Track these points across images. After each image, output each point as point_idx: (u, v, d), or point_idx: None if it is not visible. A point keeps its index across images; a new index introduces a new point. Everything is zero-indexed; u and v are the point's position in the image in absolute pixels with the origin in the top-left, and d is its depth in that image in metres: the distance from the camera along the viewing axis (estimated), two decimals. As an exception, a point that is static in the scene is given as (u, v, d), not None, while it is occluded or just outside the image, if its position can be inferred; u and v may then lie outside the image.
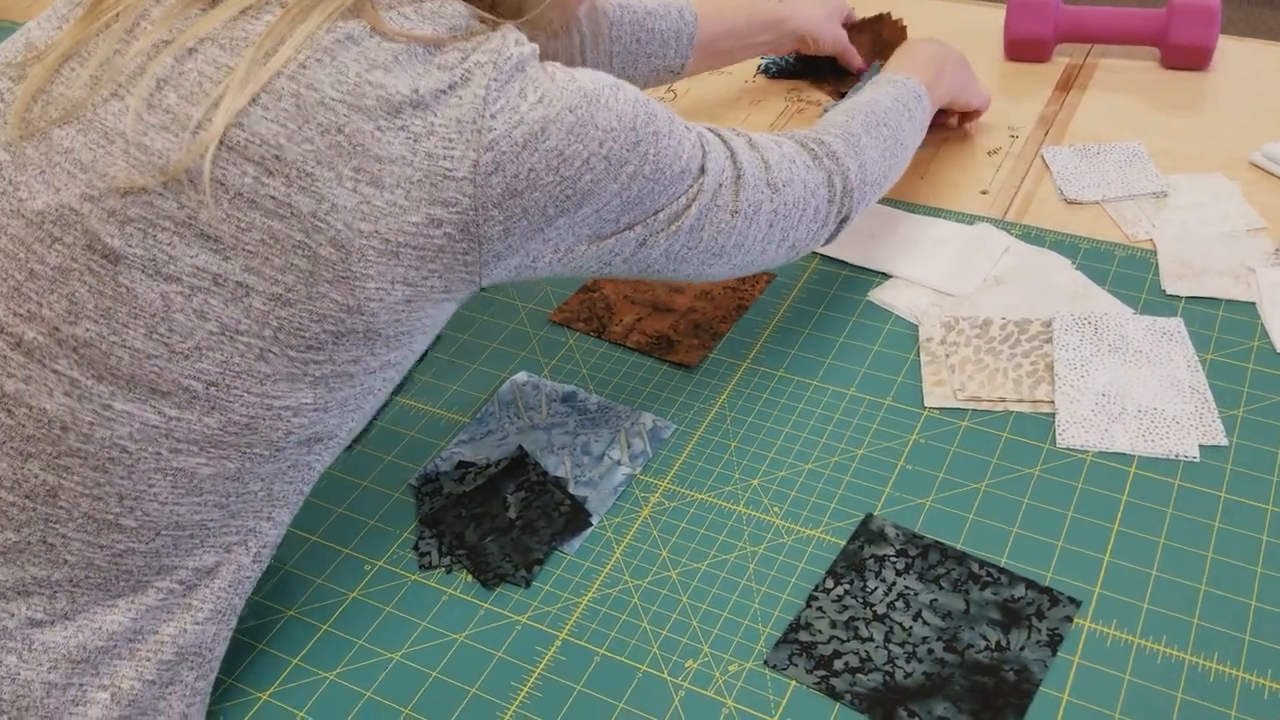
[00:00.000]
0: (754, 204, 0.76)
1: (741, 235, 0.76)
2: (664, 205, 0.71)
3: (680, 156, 0.70)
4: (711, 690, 0.68)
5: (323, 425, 0.66)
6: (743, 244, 0.77)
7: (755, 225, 0.77)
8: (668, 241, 0.72)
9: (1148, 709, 0.66)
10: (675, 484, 0.81)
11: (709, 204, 0.73)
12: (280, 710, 0.69)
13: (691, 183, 0.72)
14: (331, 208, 0.59)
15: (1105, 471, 0.79)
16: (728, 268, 0.78)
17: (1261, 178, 1.06)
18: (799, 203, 0.80)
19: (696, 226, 0.73)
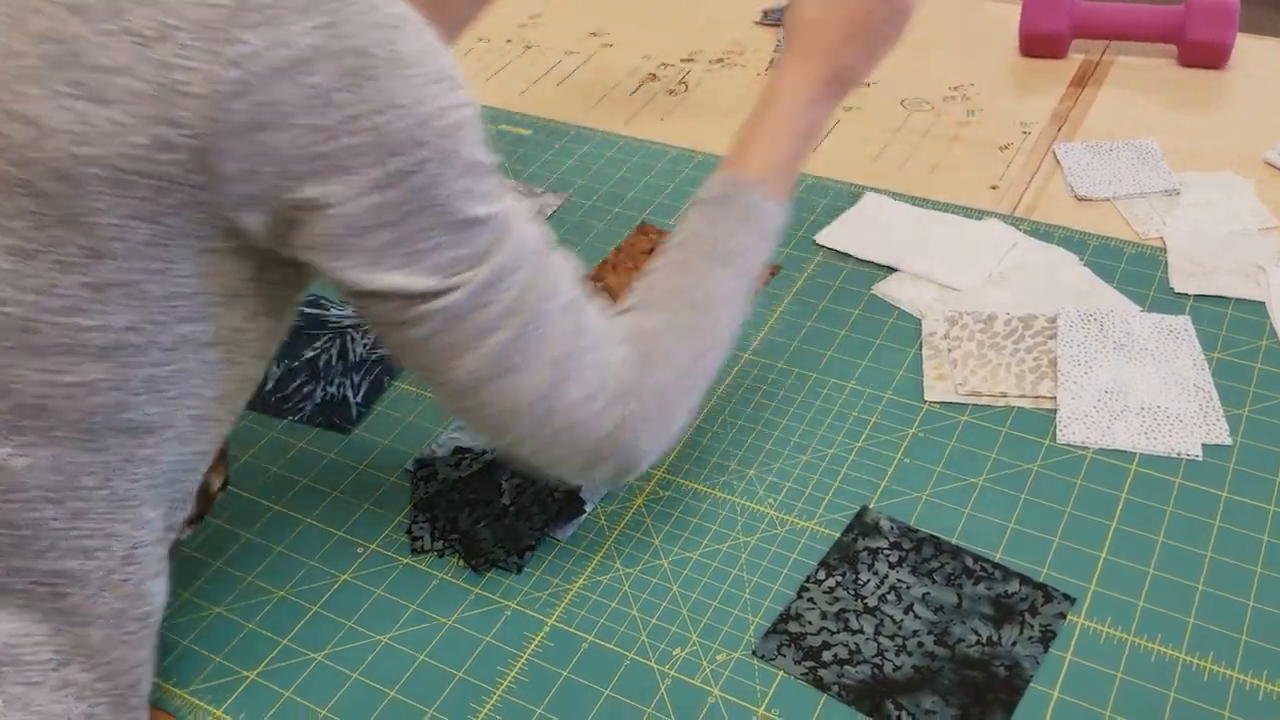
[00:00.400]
0: (510, 363, 0.61)
1: (477, 384, 0.62)
2: (427, 251, 0.57)
3: (480, 204, 0.58)
4: (698, 679, 0.68)
5: (138, 411, 0.58)
6: (472, 393, 0.62)
7: (502, 390, 0.62)
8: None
9: (1139, 707, 0.65)
10: (670, 473, 0.81)
11: (462, 309, 0.59)
12: (267, 689, 0.69)
13: (480, 250, 0.59)
14: (47, 131, 0.51)
15: (1105, 468, 0.78)
16: (453, 406, 0.64)
17: (1275, 176, 1.05)
18: (563, 411, 0.63)
19: (434, 328, 0.60)
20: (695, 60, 1.31)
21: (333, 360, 0.92)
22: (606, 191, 1.09)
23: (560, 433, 0.64)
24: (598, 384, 0.64)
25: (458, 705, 0.67)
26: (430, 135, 0.56)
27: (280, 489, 0.81)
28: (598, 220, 1.06)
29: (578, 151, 1.15)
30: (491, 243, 0.59)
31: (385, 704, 0.68)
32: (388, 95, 0.54)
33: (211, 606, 0.74)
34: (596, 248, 1.02)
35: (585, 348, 0.64)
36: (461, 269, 0.59)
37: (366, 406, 0.88)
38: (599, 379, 0.64)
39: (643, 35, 1.36)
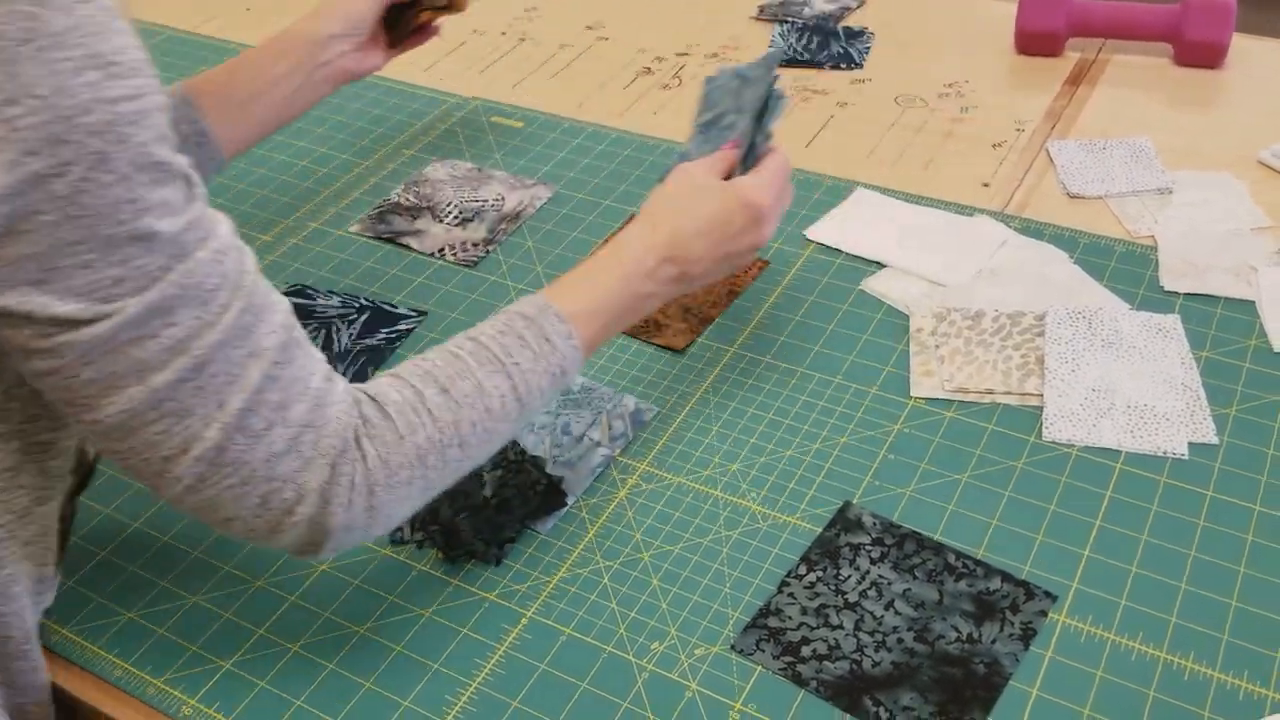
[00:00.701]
0: (183, 406, 0.54)
1: (136, 423, 0.54)
2: (70, 270, 0.50)
3: (150, 218, 0.51)
4: (675, 673, 0.68)
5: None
6: (133, 432, 0.54)
7: (164, 432, 0.54)
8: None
9: (1118, 706, 0.64)
10: (654, 466, 0.80)
11: (115, 338, 0.52)
12: (242, 680, 0.69)
13: (145, 273, 0.51)
14: None
15: (1090, 466, 0.78)
16: (106, 447, 0.56)
17: (1270, 177, 1.04)
18: (244, 470, 0.56)
19: (83, 355, 0.52)
20: (691, 54, 1.30)
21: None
22: (597, 185, 1.09)
23: (236, 488, 0.57)
24: (295, 441, 0.57)
25: (433, 697, 0.67)
26: (78, 133, 0.48)
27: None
28: (587, 213, 1.05)
29: (569, 144, 1.15)
30: (162, 265, 0.52)
31: (360, 695, 0.67)
32: (20, 83, 0.47)
33: (188, 596, 0.74)
34: (584, 240, 1.02)
35: (281, 401, 0.56)
36: (118, 294, 0.51)
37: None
38: (297, 437, 0.57)
39: (639, 29, 1.36)
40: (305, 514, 0.58)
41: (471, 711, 0.66)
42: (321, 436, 0.58)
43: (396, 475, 0.60)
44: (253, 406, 0.56)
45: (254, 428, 0.56)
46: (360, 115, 1.22)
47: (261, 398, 0.56)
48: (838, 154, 1.12)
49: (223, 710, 0.67)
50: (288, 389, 0.57)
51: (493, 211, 1.06)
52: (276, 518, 0.58)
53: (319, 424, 0.58)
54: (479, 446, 0.65)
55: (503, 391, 0.65)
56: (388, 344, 0.92)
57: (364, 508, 0.60)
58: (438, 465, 0.62)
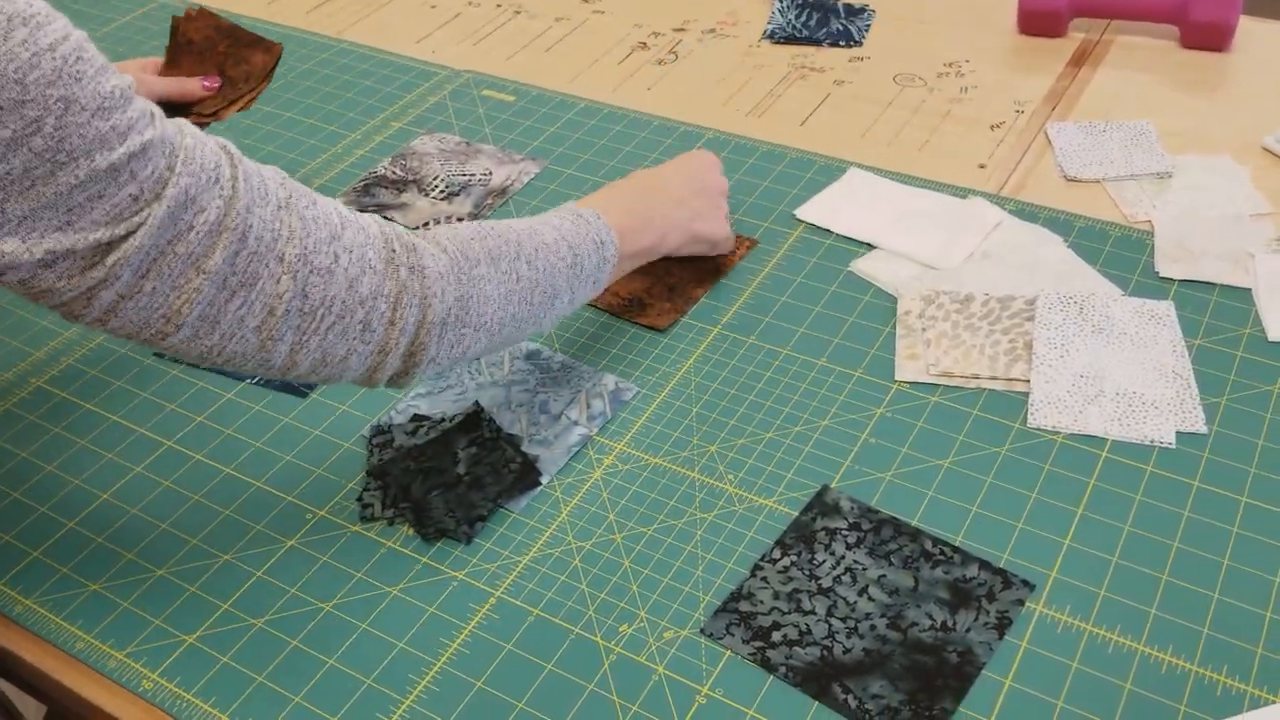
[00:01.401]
0: (246, 274, 0.58)
1: (217, 310, 0.58)
2: (88, 204, 0.53)
3: (132, 137, 0.53)
4: (643, 656, 0.66)
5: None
6: (218, 323, 0.58)
7: (245, 306, 0.58)
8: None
9: (1092, 699, 0.63)
10: (631, 447, 0.79)
11: (157, 243, 0.55)
12: (204, 654, 0.68)
13: (151, 180, 0.54)
14: None
15: (1075, 454, 0.76)
16: (204, 349, 0.59)
17: (1273, 163, 1.02)
18: (332, 303, 0.61)
19: (137, 269, 0.55)
20: (687, 30, 1.28)
21: (296, 323, 0.90)
22: (586, 160, 1.07)
23: (336, 324, 0.61)
24: (363, 260, 0.62)
25: (396, 676, 0.66)
26: (35, 89, 0.50)
27: (232, 452, 0.80)
28: (575, 189, 1.04)
29: (561, 119, 1.13)
30: (166, 166, 0.55)
31: (323, 672, 0.66)
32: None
33: (154, 569, 0.73)
34: (572, 217, 1.00)
35: (331, 234, 0.61)
36: (141, 206, 0.54)
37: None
38: (363, 255, 0.62)
39: (636, 3, 1.34)
40: (404, 315, 0.63)
41: (434, 691, 0.65)
42: (381, 249, 0.63)
43: (478, 266, 0.67)
44: (308, 249, 0.60)
45: (321, 265, 0.60)
46: (349, 86, 1.20)
47: (310, 239, 0.60)
48: (833, 133, 1.10)
49: (184, 685, 0.66)
50: (328, 222, 0.61)
51: (479, 186, 1.04)
52: (383, 336, 0.63)
53: (369, 241, 0.63)
54: (540, 274, 0.71)
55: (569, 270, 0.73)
56: (367, 318, 0.90)
57: (455, 298, 0.65)
58: (508, 268, 0.69)
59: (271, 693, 0.65)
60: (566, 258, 0.73)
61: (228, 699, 0.65)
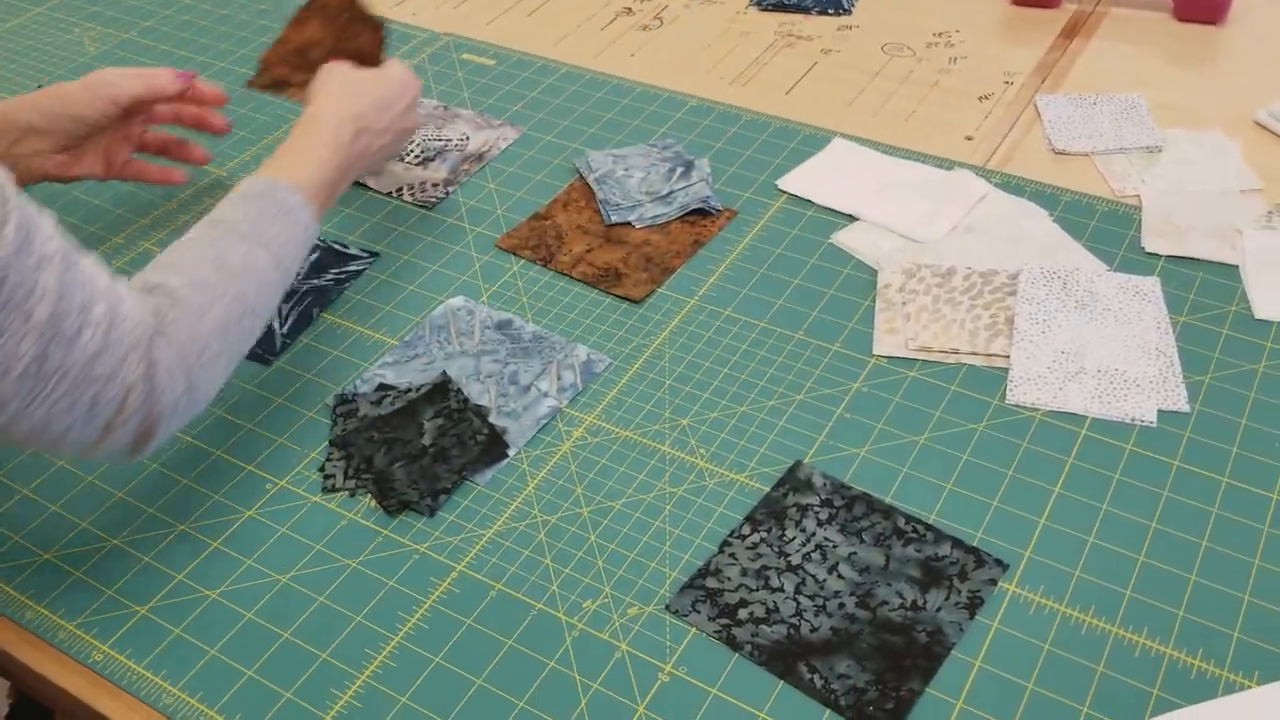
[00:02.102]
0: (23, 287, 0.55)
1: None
2: None
3: None
4: (606, 633, 0.65)
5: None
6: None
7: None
8: None
9: (1064, 681, 0.62)
10: (601, 419, 0.77)
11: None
12: (156, 626, 0.66)
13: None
14: None
15: (1054, 431, 0.75)
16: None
17: (1264, 137, 1.00)
18: (70, 375, 0.57)
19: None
20: (673, -4, 1.26)
21: (262, 289, 0.88)
22: (566, 127, 1.05)
23: (65, 398, 0.58)
24: (106, 337, 0.59)
25: (352, 651, 0.64)
26: None
27: (193, 420, 0.78)
28: (553, 155, 1.01)
29: (541, 84, 1.11)
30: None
31: (277, 646, 0.65)
32: None
33: (108, 538, 0.71)
34: (548, 184, 0.98)
35: (82, 303, 0.58)
36: None
37: (292, 338, 0.84)
38: (107, 333, 0.59)
39: (621, -31, 1.31)
40: (134, 405, 0.61)
41: (391, 667, 0.64)
42: (129, 328, 0.60)
43: (206, 350, 0.65)
44: (59, 312, 0.57)
45: (66, 333, 0.57)
46: (327, 49, 1.18)
47: (64, 303, 0.57)
48: (818, 103, 1.08)
49: (134, 657, 0.65)
50: (85, 289, 0.58)
51: (456, 151, 1.02)
52: (109, 417, 0.60)
53: (122, 317, 0.60)
54: (263, 313, 0.70)
55: (265, 264, 0.70)
56: (335, 285, 0.88)
57: (184, 387, 0.63)
58: (238, 334, 0.68)
59: (224, 666, 0.64)
60: (280, 281, 0.72)
61: (179, 672, 0.64)
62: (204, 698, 0.62)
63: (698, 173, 0.97)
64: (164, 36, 1.22)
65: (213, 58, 1.18)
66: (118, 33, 1.22)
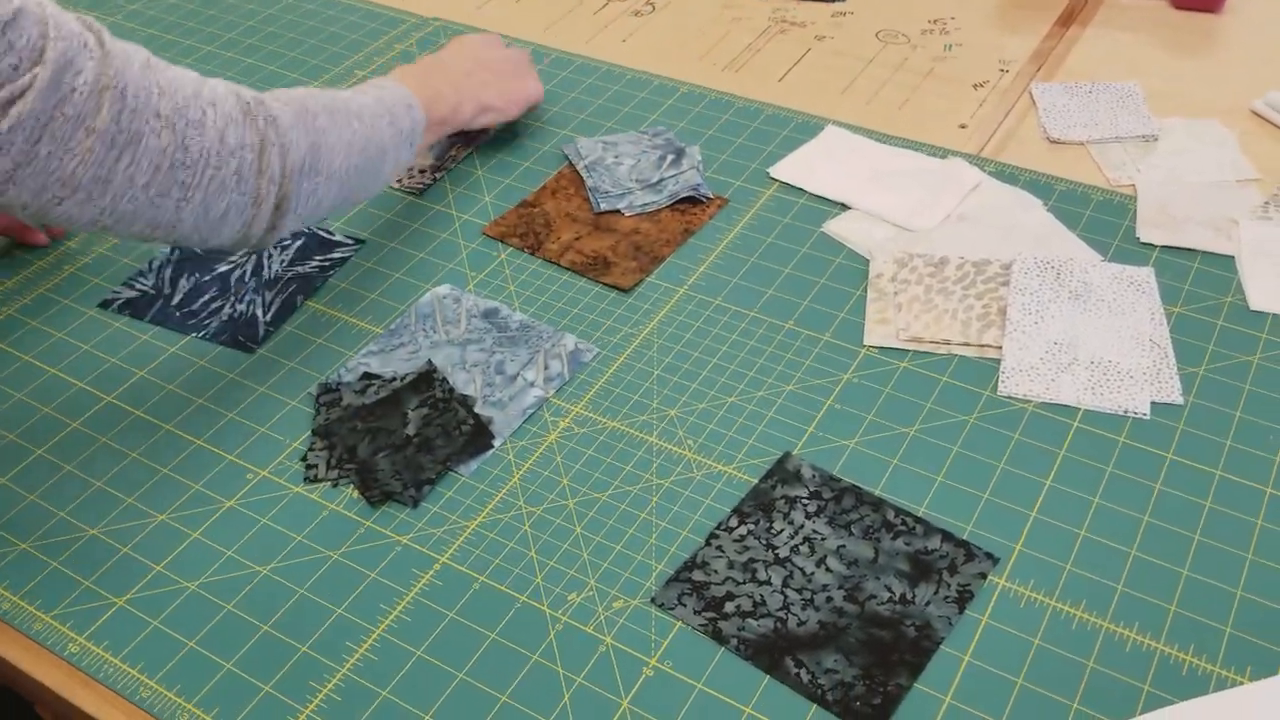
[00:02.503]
0: (131, 132, 0.60)
1: (108, 170, 0.60)
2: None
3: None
4: (591, 626, 0.64)
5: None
6: (110, 183, 0.60)
7: (134, 163, 0.60)
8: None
9: (1054, 677, 0.61)
10: (588, 410, 0.76)
11: (45, 107, 0.57)
12: (134, 618, 0.65)
13: (27, 47, 0.56)
14: None
15: (1046, 423, 0.74)
16: (96, 212, 0.61)
17: (1261, 127, 0.99)
18: (210, 155, 0.64)
19: (30, 134, 0.57)
20: (666, -18, 1.24)
21: (246, 276, 0.87)
22: (556, 113, 1.04)
23: (214, 179, 0.64)
24: (225, 113, 0.65)
25: (333, 643, 0.63)
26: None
27: (173, 408, 0.77)
28: (543, 143, 1.00)
29: (531, 71, 1.09)
30: (39, 34, 0.57)
31: (256, 638, 0.64)
32: None
33: (86, 528, 0.70)
34: (537, 171, 0.97)
35: (194, 90, 0.64)
36: (23, 71, 0.56)
37: (275, 326, 0.83)
38: (223, 109, 0.65)
39: (614, -46, 1.29)
40: (272, 166, 0.67)
41: (371, 660, 0.63)
42: (236, 103, 0.66)
43: (317, 119, 0.71)
44: (179, 104, 0.62)
45: (194, 118, 0.63)
46: (312, 33, 1.16)
47: (178, 96, 0.62)
48: (811, 90, 1.06)
49: (111, 649, 0.63)
50: (188, 79, 0.64)
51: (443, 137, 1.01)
52: (255, 185, 0.66)
53: (226, 96, 0.66)
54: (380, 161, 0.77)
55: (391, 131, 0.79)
56: (320, 272, 0.87)
57: (307, 146, 0.69)
58: (343, 128, 0.73)
59: (202, 659, 0.63)
60: (385, 116, 0.78)
61: (156, 665, 0.63)
62: (181, 691, 0.62)
63: (688, 160, 0.96)
64: (149, 20, 1.20)
65: (200, 42, 1.16)
66: (105, 15, 1.20)
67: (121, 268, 0.89)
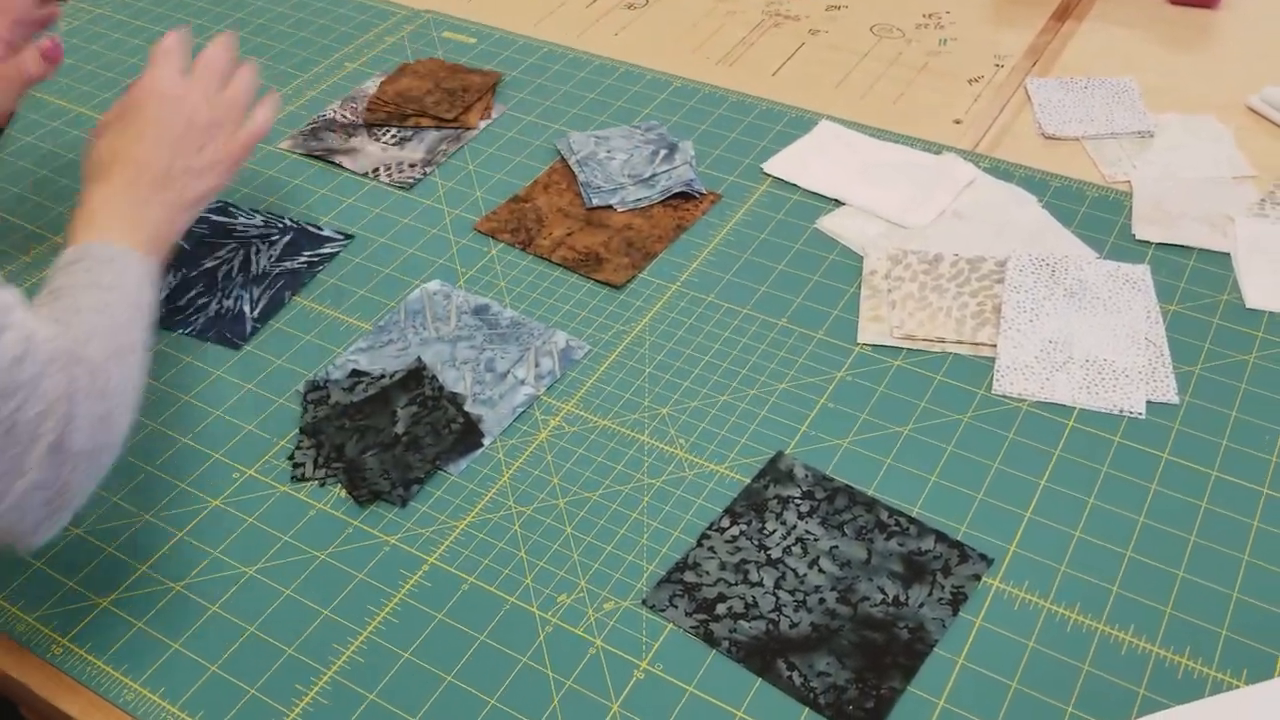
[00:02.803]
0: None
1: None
2: None
3: None
4: (581, 628, 0.63)
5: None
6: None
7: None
8: None
9: (1048, 680, 0.60)
10: (579, 408, 0.76)
11: None
12: (118, 619, 0.64)
13: None
14: None
15: (1040, 423, 0.73)
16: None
17: (1257, 124, 0.98)
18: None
19: None
20: (659, -26, 1.23)
21: (233, 272, 0.86)
22: (548, 107, 1.03)
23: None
24: (28, 344, 0.54)
25: (320, 645, 0.63)
26: None
27: (159, 406, 0.76)
28: (534, 137, 0.99)
29: (523, 63, 1.08)
30: None
31: (242, 640, 0.63)
32: None
33: (71, 528, 0.69)
34: (527, 165, 0.96)
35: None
36: None
37: (263, 322, 0.82)
38: (29, 339, 0.54)
39: (606, -54, 1.28)
40: (50, 431, 0.54)
41: (358, 662, 0.62)
42: (44, 340, 0.55)
43: (111, 379, 0.59)
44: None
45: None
46: (303, 25, 1.15)
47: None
48: (805, 84, 1.06)
49: (94, 651, 0.63)
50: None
51: (433, 131, 1.00)
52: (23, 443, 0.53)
53: (39, 332, 0.55)
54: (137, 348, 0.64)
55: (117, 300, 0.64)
56: (308, 268, 0.86)
57: (100, 414, 0.57)
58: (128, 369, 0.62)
59: (187, 661, 0.62)
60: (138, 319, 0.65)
61: (140, 667, 0.62)
62: (166, 694, 0.61)
63: (681, 155, 0.95)
64: (137, 12, 1.19)
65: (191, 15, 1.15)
66: (90, 6, 1.19)
67: (107, 263, 0.88)
